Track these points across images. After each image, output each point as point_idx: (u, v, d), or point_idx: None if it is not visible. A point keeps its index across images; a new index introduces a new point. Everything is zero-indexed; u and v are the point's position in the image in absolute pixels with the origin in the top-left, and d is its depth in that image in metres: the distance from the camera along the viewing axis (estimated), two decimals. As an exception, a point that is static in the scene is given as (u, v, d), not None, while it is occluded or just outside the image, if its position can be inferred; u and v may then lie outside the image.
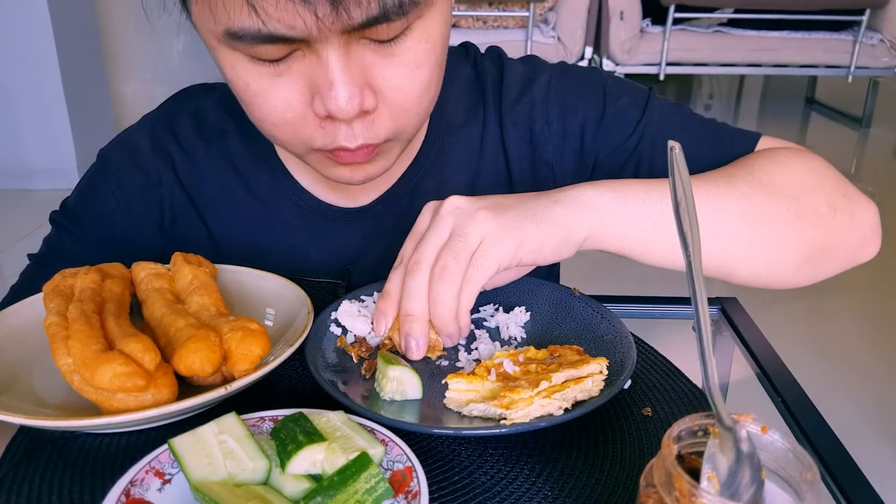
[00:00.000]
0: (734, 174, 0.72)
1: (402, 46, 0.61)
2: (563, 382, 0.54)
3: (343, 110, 0.59)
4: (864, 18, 4.05)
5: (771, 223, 0.70)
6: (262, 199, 0.84)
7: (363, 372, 0.61)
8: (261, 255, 0.84)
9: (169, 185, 0.84)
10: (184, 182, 0.84)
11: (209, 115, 0.85)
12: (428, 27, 0.61)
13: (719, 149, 0.79)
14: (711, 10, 4.25)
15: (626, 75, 4.28)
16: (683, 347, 0.71)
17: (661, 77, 4.26)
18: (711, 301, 0.84)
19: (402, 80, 0.62)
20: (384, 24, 0.57)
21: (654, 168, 0.80)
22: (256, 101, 0.62)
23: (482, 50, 0.89)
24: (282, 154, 0.84)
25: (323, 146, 0.65)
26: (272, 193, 0.84)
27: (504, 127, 0.84)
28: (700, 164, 0.77)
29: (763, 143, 0.81)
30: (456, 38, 0.73)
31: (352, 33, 0.57)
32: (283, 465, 0.46)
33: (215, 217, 0.85)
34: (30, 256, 0.85)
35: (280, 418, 0.51)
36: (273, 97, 0.61)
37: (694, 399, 0.60)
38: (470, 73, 0.86)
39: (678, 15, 4.09)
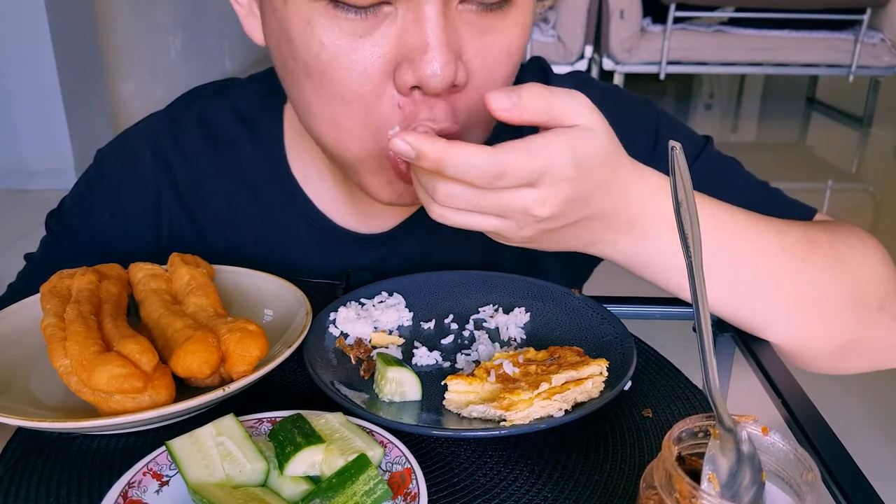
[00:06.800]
0: (814, 237, 0.67)
1: (501, 22, 0.56)
2: (563, 384, 0.54)
3: (437, 76, 0.53)
4: (865, 18, 4.06)
5: (823, 299, 0.65)
6: (273, 217, 0.79)
7: (362, 373, 0.60)
8: None
9: (168, 199, 0.79)
10: (185, 196, 0.79)
11: (219, 121, 0.79)
12: (525, 8, 0.58)
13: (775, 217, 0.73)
14: (712, 9, 4.26)
15: (627, 75, 4.31)
16: (684, 348, 0.70)
17: (662, 76, 4.26)
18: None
19: (493, 62, 0.57)
20: None
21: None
22: (329, 68, 0.55)
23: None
24: (297, 171, 0.78)
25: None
26: (284, 213, 0.78)
27: None
28: None
29: (818, 218, 0.75)
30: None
31: None
32: (281, 467, 0.46)
33: (218, 234, 0.79)
34: (26, 257, 0.84)
35: (278, 420, 0.51)
36: (351, 62, 0.54)
37: (694, 400, 0.60)
38: None
39: (679, 14, 4.10)
